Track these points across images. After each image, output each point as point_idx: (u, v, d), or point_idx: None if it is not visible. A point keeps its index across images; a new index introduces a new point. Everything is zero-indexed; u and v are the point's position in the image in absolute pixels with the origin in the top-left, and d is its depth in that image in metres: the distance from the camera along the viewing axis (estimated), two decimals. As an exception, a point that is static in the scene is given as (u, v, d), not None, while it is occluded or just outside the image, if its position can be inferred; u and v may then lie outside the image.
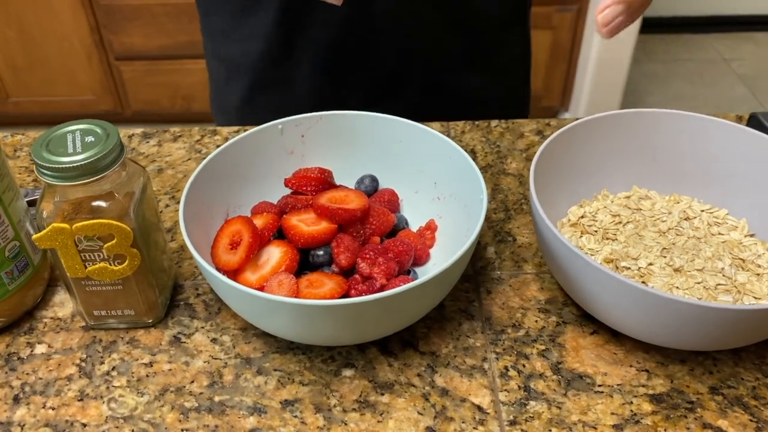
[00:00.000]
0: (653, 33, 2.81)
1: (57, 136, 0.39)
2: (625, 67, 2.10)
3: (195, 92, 2.16)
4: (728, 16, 2.86)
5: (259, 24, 0.66)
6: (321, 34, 0.65)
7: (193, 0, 1.99)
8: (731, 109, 2.44)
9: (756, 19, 2.87)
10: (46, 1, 1.94)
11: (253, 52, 0.69)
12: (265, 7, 0.65)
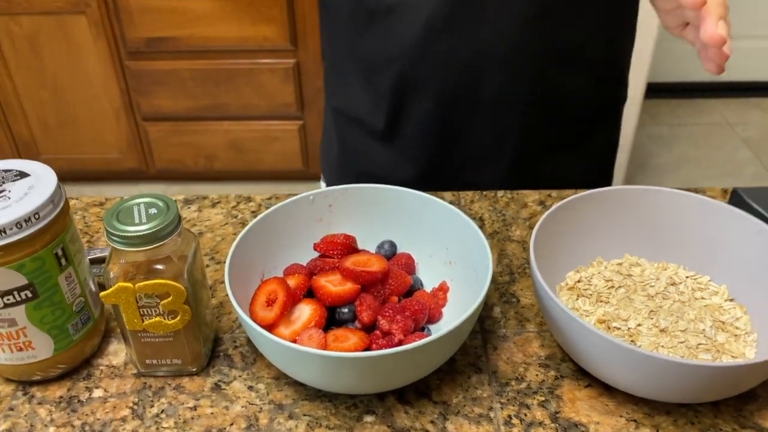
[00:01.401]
0: (660, 98, 2.90)
1: (125, 207, 0.45)
2: (631, 130, 2.17)
3: (217, 152, 2.26)
4: (733, 82, 2.96)
5: (374, 89, 0.74)
6: (426, 105, 0.72)
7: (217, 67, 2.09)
8: (736, 172, 2.50)
9: (761, 85, 2.96)
10: (80, 66, 2.06)
11: (362, 108, 0.76)
12: (383, 75, 0.72)
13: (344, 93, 0.80)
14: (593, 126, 0.80)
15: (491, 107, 0.71)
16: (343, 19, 0.74)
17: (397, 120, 0.75)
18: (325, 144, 0.88)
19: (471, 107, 0.72)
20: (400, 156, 0.77)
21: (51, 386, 0.50)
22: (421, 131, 0.75)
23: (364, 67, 0.75)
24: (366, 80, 0.75)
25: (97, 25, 1.99)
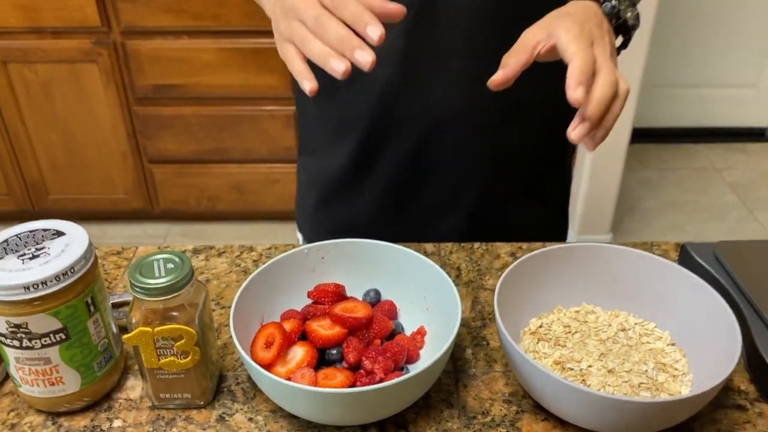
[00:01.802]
0: (648, 143, 3.00)
1: (147, 263, 0.53)
2: (618, 175, 2.26)
3: (220, 193, 2.35)
4: (719, 128, 3.06)
5: (342, 149, 0.82)
6: (391, 161, 0.81)
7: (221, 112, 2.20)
8: (721, 215, 2.58)
9: (745, 131, 3.06)
10: (90, 111, 2.16)
11: (332, 167, 0.85)
12: (350, 136, 0.81)
13: (315, 152, 0.89)
14: (546, 173, 0.88)
15: (450, 161, 0.80)
16: None
17: (363, 176, 0.84)
18: (300, 198, 0.96)
19: (431, 161, 0.80)
20: (368, 208, 0.86)
21: (76, 417, 0.57)
22: (386, 185, 0.83)
23: (332, 128, 0.84)
24: (334, 140, 0.84)
25: (107, 73, 2.09)
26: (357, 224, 0.87)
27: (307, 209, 0.93)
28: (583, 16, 0.60)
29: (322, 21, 0.53)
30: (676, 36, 2.82)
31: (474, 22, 0.72)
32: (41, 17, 2.00)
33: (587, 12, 0.61)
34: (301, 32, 0.54)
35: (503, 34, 0.65)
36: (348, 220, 0.88)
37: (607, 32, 0.61)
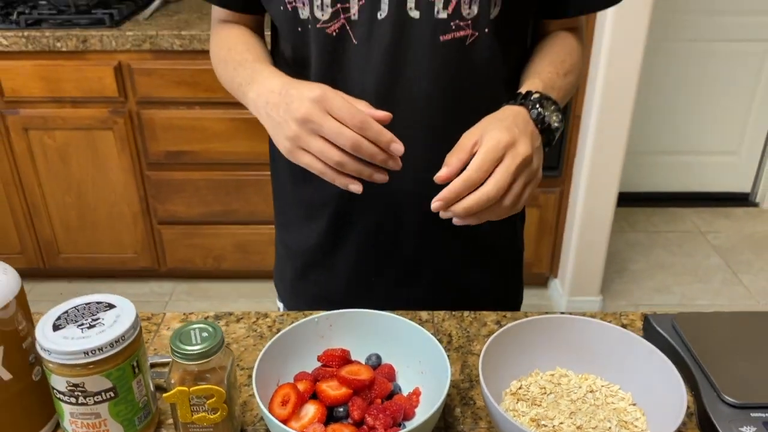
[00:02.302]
0: (637, 206, 3.13)
1: (185, 331, 0.63)
2: (605, 237, 2.36)
3: (225, 253, 2.45)
4: (704, 193, 3.19)
5: (315, 227, 0.93)
6: (360, 237, 0.91)
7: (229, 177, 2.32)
8: (707, 278, 2.68)
9: (729, 196, 3.19)
10: (104, 175, 2.28)
11: (307, 243, 0.95)
12: (321, 216, 0.91)
13: (289, 230, 1.00)
14: (500, 244, 0.99)
15: (412, 239, 0.90)
16: (286, 173, 0.95)
17: (334, 252, 0.94)
18: (278, 269, 1.07)
19: (395, 239, 0.91)
20: (342, 280, 0.96)
21: (117, 465, 0.66)
22: (356, 260, 0.94)
23: (305, 208, 0.95)
24: (307, 219, 0.95)
25: (122, 140, 2.22)
26: (333, 294, 0.98)
27: (286, 279, 1.04)
28: (512, 123, 0.72)
29: (345, 137, 0.65)
30: (660, 105, 2.98)
31: (431, 111, 0.83)
32: (63, 88, 2.13)
33: (516, 119, 0.73)
34: (322, 148, 0.66)
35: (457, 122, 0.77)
36: (324, 291, 0.99)
37: (532, 134, 0.73)
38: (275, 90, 0.74)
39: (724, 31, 2.82)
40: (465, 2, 0.77)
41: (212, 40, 0.93)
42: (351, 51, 0.81)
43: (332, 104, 0.68)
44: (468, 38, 0.79)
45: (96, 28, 2.07)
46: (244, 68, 0.82)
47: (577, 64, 0.88)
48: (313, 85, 0.71)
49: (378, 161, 0.69)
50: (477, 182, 0.68)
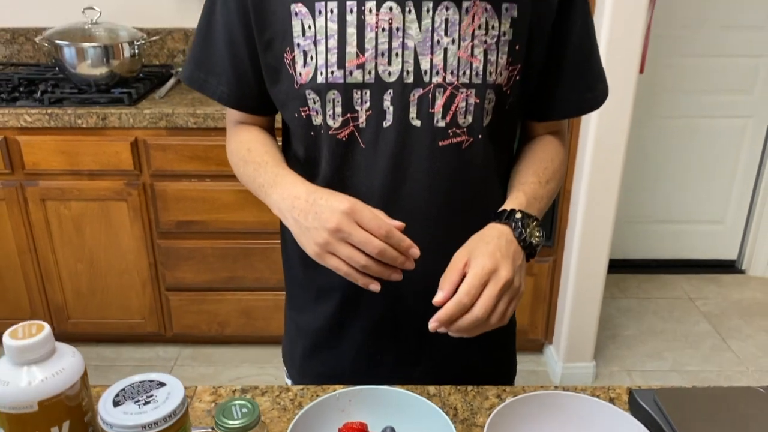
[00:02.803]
0: (628, 273, 3.23)
1: (227, 407, 0.72)
2: (597, 304, 2.45)
3: (230, 319, 2.52)
4: (692, 260, 3.31)
5: (324, 309, 1.02)
6: (366, 320, 1.01)
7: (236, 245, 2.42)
8: (697, 344, 2.76)
9: (716, 263, 3.30)
10: (116, 243, 2.38)
11: (316, 323, 1.04)
12: (330, 299, 1.01)
13: (300, 310, 1.09)
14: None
15: (415, 321, 0.99)
16: (297, 258, 1.05)
17: (341, 333, 1.03)
18: (288, 347, 1.15)
19: (400, 321, 1.00)
20: (349, 359, 1.04)
21: None
22: (362, 341, 1.02)
23: (314, 291, 1.04)
24: (316, 302, 1.04)
25: (135, 210, 2.33)
26: (341, 372, 1.06)
27: (296, 357, 1.12)
28: (495, 246, 0.84)
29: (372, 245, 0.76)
30: (647, 177, 3.12)
31: (432, 207, 0.94)
32: (81, 161, 2.25)
33: (500, 241, 0.85)
34: (350, 253, 0.77)
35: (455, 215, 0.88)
36: (332, 369, 1.07)
37: (514, 253, 0.85)
38: (301, 197, 0.85)
39: (705, 109, 2.99)
40: (461, 112, 0.89)
41: (230, 140, 1.04)
42: (359, 154, 0.92)
43: (361, 216, 0.79)
44: (464, 143, 0.91)
45: (115, 106, 2.20)
46: (265, 170, 0.93)
47: (559, 169, 0.99)
48: (342, 197, 0.82)
49: (398, 264, 0.80)
50: (467, 306, 0.79)
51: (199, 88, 1.00)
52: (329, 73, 0.88)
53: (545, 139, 1.02)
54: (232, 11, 0.93)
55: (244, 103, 1.00)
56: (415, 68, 0.87)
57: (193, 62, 1.00)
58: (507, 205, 0.92)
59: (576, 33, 0.95)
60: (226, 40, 0.95)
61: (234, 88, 0.98)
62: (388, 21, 0.86)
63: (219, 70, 0.98)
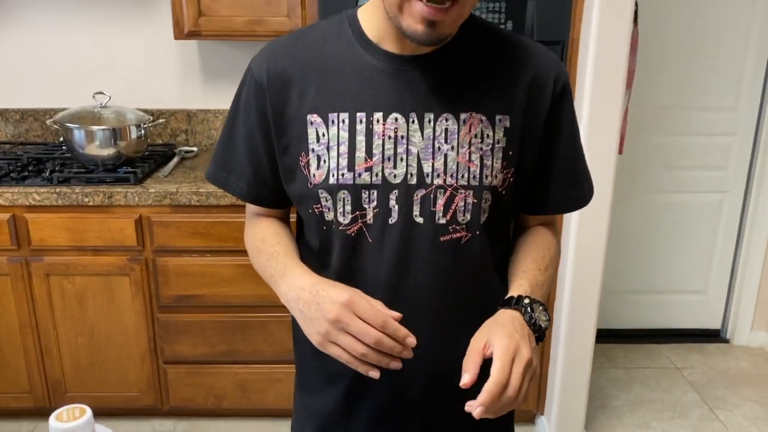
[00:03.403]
0: (616, 343, 3.30)
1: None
2: (586, 375, 2.51)
3: (226, 392, 2.55)
4: (677, 329, 3.38)
5: (333, 393, 1.09)
6: (374, 404, 1.07)
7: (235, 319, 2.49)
8: (685, 413, 2.81)
9: (701, 332, 3.38)
10: (117, 317, 2.43)
11: (325, 406, 1.11)
12: (339, 384, 1.08)
13: (309, 393, 1.15)
14: None
15: (421, 403, 1.06)
16: (307, 344, 1.09)
17: (350, 416, 1.09)
18: (296, 427, 1.20)
19: (406, 404, 1.06)
20: None
21: None
22: (369, 424, 1.08)
23: (324, 376, 1.10)
24: (325, 386, 1.10)
25: (137, 284, 2.39)
26: None
27: None
28: (511, 327, 0.90)
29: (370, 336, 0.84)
30: (631, 249, 3.24)
31: (434, 297, 1.01)
32: (86, 238, 2.32)
33: (514, 323, 0.91)
34: (351, 343, 0.84)
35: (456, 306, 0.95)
36: None
37: (528, 335, 0.91)
38: (305, 288, 0.93)
39: (683, 184, 3.14)
40: (460, 211, 0.99)
41: (248, 231, 1.13)
42: (367, 248, 1.01)
43: (358, 307, 0.87)
44: (463, 238, 1.01)
45: (121, 185, 2.30)
46: (276, 261, 1.01)
47: (555, 257, 1.09)
48: (341, 289, 0.89)
49: (395, 353, 0.87)
50: (505, 383, 0.85)
51: (223, 187, 1.10)
52: (340, 175, 0.98)
53: (539, 229, 1.12)
54: (254, 119, 1.03)
55: (260, 199, 1.10)
56: (419, 171, 0.98)
57: (216, 164, 1.11)
58: (513, 291, 1.00)
59: (563, 140, 1.06)
60: (246, 143, 1.06)
61: (252, 185, 1.08)
62: (393, 130, 0.97)
63: (239, 169, 1.08)
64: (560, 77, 1.04)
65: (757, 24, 2.93)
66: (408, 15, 0.89)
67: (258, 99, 1.02)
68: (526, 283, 1.00)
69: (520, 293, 0.98)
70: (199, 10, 2.37)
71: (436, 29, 0.89)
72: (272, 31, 2.38)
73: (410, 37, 0.91)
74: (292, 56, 1.01)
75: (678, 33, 2.93)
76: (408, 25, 0.90)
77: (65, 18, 2.74)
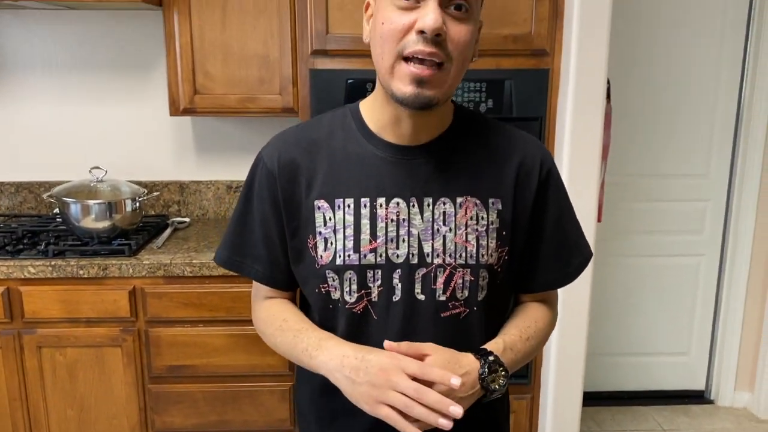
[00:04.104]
0: (602, 405, 3.33)
1: None
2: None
3: (217, 462, 2.55)
4: (663, 391, 3.43)
5: None
6: None
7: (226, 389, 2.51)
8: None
9: (686, 394, 3.43)
10: (108, 389, 2.44)
11: None
12: None
13: None
14: None
15: None
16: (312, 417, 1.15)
17: None
18: None
19: None
20: None
21: None
22: None
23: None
24: None
25: (129, 356, 2.41)
26: None
27: None
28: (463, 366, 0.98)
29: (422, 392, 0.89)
30: (614, 312, 3.31)
31: None
32: (79, 309, 2.36)
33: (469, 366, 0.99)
34: (403, 400, 0.90)
35: None
36: None
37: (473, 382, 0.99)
38: (349, 355, 0.98)
39: (661, 248, 3.24)
40: (459, 288, 1.06)
41: (260, 312, 1.18)
42: (372, 325, 1.07)
43: (408, 367, 0.93)
44: (462, 314, 1.08)
45: (116, 257, 2.35)
46: (307, 335, 1.06)
47: (543, 330, 1.15)
48: (386, 354, 0.96)
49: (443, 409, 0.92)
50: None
51: (237, 270, 1.16)
52: (347, 256, 1.05)
53: (533, 304, 1.19)
54: (267, 205, 1.11)
55: (274, 280, 1.16)
56: (419, 251, 1.05)
57: (230, 247, 1.17)
58: (486, 345, 1.06)
59: (549, 221, 1.14)
60: (261, 228, 1.13)
61: (267, 268, 1.15)
62: (396, 213, 1.05)
63: (254, 252, 1.14)
64: (545, 162, 1.13)
65: (722, 95, 3.10)
66: (398, 79, 0.99)
67: (270, 186, 1.10)
68: (501, 343, 1.07)
69: (492, 349, 1.04)
70: (195, 89, 2.48)
71: (423, 89, 0.98)
72: (265, 108, 2.49)
73: (400, 100, 1.00)
74: (300, 146, 1.10)
75: (649, 106, 3.09)
76: (398, 89, 0.99)
77: (62, 93, 2.84)
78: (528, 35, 2.23)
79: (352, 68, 2.28)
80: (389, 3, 0.97)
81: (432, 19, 0.93)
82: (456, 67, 0.99)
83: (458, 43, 0.97)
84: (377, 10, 1.00)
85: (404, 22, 0.96)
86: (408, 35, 0.96)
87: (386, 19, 0.97)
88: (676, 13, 2.99)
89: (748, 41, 3.02)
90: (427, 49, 0.95)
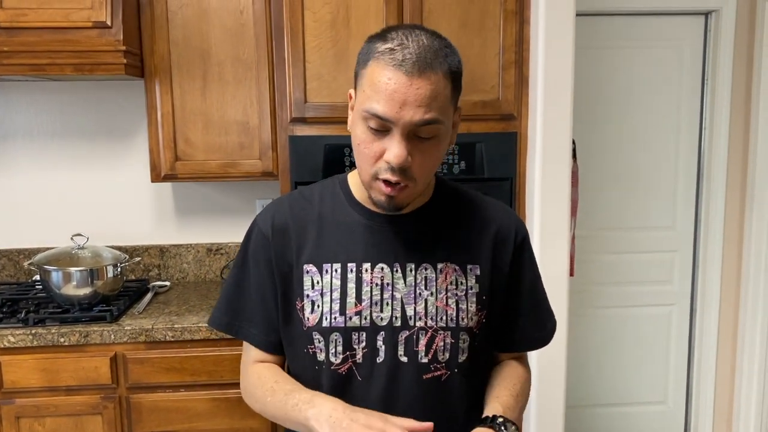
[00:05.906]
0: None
1: None
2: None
3: None
4: (642, 440, 3.46)
5: None
6: None
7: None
8: None
9: (665, 442, 3.47)
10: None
11: None
12: None
13: None
14: None
15: None
16: None
17: None
18: None
19: None
20: None
21: None
22: None
23: None
24: None
25: (110, 423, 2.39)
26: None
27: None
28: None
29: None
30: (590, 364, 3.36)
31: None
32: (60, 378, 2.34)
33: None
34: None
35: None
36: None
37: None
38: (338, 408, 1.01)
39: (633, 299, 3.33)
40: (440, 350, 1.12)
41: (251, 376, 1.22)
42: (356, 386, 1.12)
43: (395, 422, 0.97)
44: (443, 376, 1.13)
45: (97, 324, 2.36)
46: (299, 393, 1.09)
47: (525, 385, 1.21)
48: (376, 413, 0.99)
49: None
50: None
51: (234, 334, 1.20)
52: (333, 319, 1.11)
53: (511, 363, 1.26)
54: (262, 268, 1.17)
55: (271, 344, 1.21)
56: (402, 315, 1.11)
57: (227, 312, 1.21)
58: (487, 412, 1.11)
59: (526, 286, 1.22)
60: (258, 292, 1.18)
61: (263, 331, 1.19)
62: (380, 278, 1.11)
63: (252, 317, 1.19)
64: (519, 231, 1.21)
65: (683, 149, 3.25)
66: (375, 189, 1.09)
67: (264, 249, 1.16)
68: (499, 406, 1.12)
69: (495, 413, 1.09)
70: (176, 155, 2.54)
71: (394, 201, 1.08)
72: (245, 173, 2.56)
73: (377, 204, 1.11)
74: (292, 213, 1.17)
75: (613, 163, 3.22)
76: (375, 196, 1.10)
77: (43, 161, 2.88)
78: (496, 101, 2.35)
79: (329, 134, 2.37)
80: (362, 119, 1.05)
81: (394, 155, 1.02)
82: (424, 180, 1.09)
83: (424, 168, 1.07)
84: (355, 112, 1.08)
85: (375, 151, 1.04)
86: (379, 161, 1.05)
87: (361, 140, 1.06)
88: (635, 72, 3.15)
89: (703, 96, 3.19)
90: (394, 178, 1.04)
